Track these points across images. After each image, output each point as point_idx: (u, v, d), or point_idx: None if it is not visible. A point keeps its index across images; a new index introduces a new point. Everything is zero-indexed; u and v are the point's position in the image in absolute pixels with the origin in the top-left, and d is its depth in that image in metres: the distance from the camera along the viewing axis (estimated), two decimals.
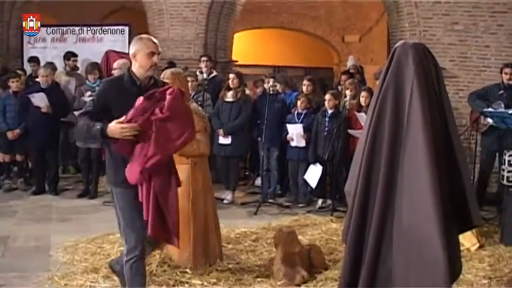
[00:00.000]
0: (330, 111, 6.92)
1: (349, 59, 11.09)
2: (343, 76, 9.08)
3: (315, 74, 12.26)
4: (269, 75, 7.99)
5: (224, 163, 7.33)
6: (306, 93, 7.39)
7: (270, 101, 7.01)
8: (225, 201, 7.13)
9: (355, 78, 8.66)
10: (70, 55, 8.62)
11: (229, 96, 7.24)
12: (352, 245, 2.71)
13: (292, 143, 7.09)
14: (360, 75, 10.12)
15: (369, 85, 8.65)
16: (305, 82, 7.53)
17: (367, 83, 9.64)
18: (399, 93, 2.62)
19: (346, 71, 9.88)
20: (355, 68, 10.20)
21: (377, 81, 3.74)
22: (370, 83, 9.82)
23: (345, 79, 8.62)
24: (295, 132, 7.03)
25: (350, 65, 10.36)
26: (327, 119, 6.90)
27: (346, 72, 9.52)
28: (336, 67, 15.28)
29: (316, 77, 9.09)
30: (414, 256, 2.51)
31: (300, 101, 7.18)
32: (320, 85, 8.64)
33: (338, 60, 15.14)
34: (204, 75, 7.83)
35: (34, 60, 8.97)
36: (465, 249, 5.13)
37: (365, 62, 13.83)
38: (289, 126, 7.11)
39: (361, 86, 8.12)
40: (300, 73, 13.92)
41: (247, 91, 7.79)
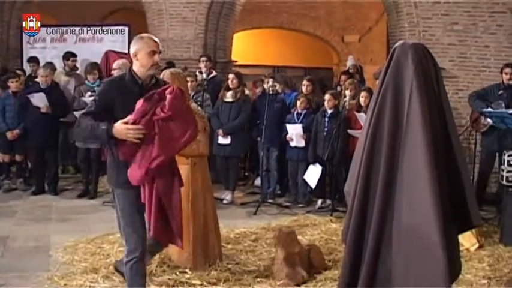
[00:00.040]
0: (329, 111, 6.92)
1: (349, 59, 11.08)
2: (343, 76, 9.09)
3: (314, 74, 12.29)
4: (269, 75, 7.97)
5: (224, 163, 7.32)
6: (305, 93, 7.38)
7: (269, 101, 7.01)
8: (224, 202, 7.13)
9: (354, 78, 8.65)
10: (69, 55, 8.61)
11: (229, 96, 7.24)
12: (352, 245, 2.71)
13: (292, 143, 7.09)
14: (360, 75, 10.11)
15: (369, 85, 8.66)
16: (304, 82, 7.52)
17: (367, 83, 9.64)
18: (399, 93, 2.62)
19: (346, 71, 9.89)
20: (355, 68, 10.19)
21: (376, 81, 3.74)
22: (370, 83, 9.82)
23: (344, 79, 8.63)
24: (295, 132, 7.03)
25: (349, 65, 10.35)
26: (326, 119, 6.90)
27: (346, 73, 9.53)
28: (335, 67, 15.27)
29: (316, 77, 9.10)
30: (414, 256, 2.50)
31: (299, 101, 7.18)
32: (319, 85, 8.65)
33: (337, 60, 15.14)
34: (204, 76, 7.81)
35: (33, 60, 8.97)
36: (465, 249, 5.14)
37: (364, 62, 13.82)
38: (288, 127, 7.11)
39: (361, 86, 8.12)
40: (299, 73, 13.92)
41: (247, 91, 7.78)
